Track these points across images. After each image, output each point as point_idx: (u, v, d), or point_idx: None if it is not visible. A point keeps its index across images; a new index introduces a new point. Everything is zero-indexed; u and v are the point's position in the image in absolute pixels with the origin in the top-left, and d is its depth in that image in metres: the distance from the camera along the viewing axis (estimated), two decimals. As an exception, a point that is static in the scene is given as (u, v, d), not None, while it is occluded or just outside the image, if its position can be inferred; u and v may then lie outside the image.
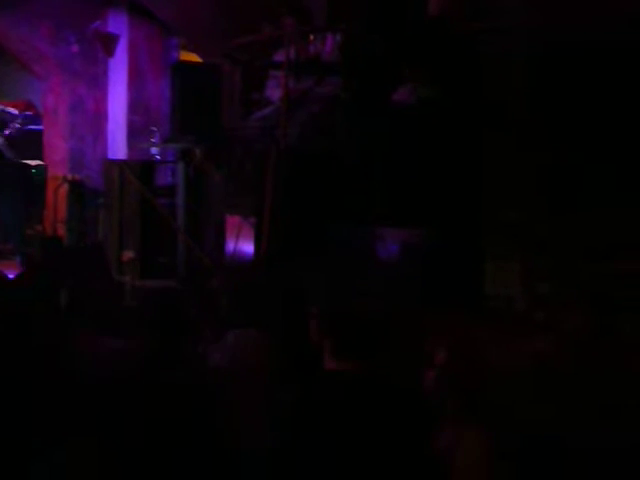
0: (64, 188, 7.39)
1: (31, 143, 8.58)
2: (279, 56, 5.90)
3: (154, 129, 7.04)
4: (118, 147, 8.12)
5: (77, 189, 7.39)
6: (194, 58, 7.97)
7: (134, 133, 7.97)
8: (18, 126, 8.48)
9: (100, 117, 8.33)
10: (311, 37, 6.04)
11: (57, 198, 7.50)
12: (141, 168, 6.51)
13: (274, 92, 5.95)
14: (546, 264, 4.27)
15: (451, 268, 4.62)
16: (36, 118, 8.85)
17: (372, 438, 1.91)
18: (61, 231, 7.31)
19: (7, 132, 8.39)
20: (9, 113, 8.55)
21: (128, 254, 6.16)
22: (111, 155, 8.00)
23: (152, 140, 6.97)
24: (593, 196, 4.14)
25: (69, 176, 7.61)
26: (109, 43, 8.08)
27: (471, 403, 2.29)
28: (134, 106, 8.10)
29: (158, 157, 6.93)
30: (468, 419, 2.22)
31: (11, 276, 4.13)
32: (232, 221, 5.62)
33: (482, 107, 4.62)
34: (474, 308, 4.26)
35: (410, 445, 2.00)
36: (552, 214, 4.35)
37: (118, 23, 8.19)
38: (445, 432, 2.14)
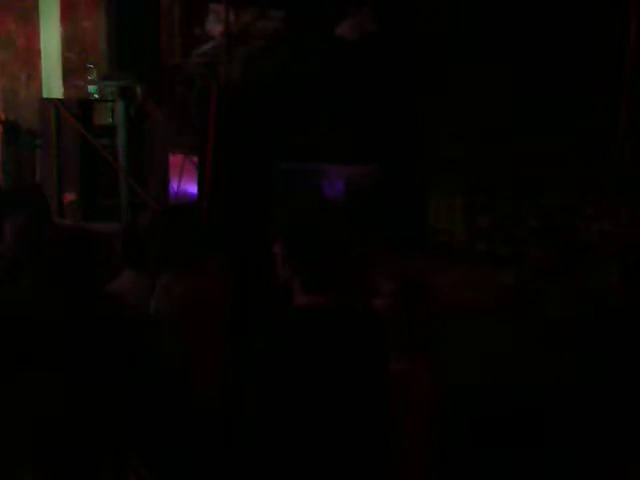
0: (-3, 129, 7.11)
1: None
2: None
3: (90, 66, 6.78)
4: (53, 86, 7.80)
5: (11, 130, 7.11)
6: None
7: (70, 71, 7.66)
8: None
9: (33, 54, 7.95)
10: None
11: (-10, 140, 7.21)
12: (78, 107, 6.29)
13: (215, 27, 5.78)
14: (486, 198, 4.38)
15: (395, 204, 4.69)
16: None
17: (342, 366, 1.98)
18: (-4, 174, 7.07)
19: None
20: None
21: (69, 196, 6.02)
22: (46, 94, 7.70)
23: (89, 78, 6.72)
24: (531, 130, 4.24)
25: (2, 117, 7.31)
26: (38, -27, 7.66)
27: (418, 333, 2.38)
28: (68, 42, 7.75)
29: (96, 96, 6.69)
30: (417, 348, 2.31)
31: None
32: (175, 161, 5.54)
33: (424, 41, 4.62)
34: (418, 242, 4.36)
35: (372, 370, 2.08)
36: (491, 149, 4.44)
37: (47, -48, 7.74)
38: (398, 359, 2.23)
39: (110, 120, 6.33)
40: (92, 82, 6.64)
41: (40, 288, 2.38)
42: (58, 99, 7.01)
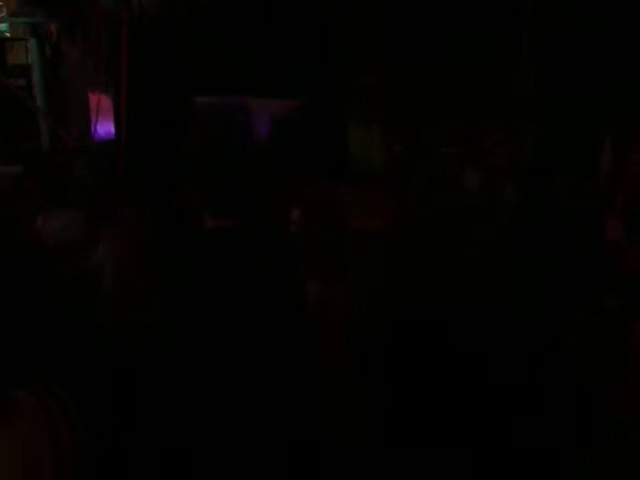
0: None
1: None
2: None
3: (0, 3, 6.47)
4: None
5: None
6: None
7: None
8: None
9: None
10: None
11: None
12: (-12, 46, 6.05)
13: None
14: (402, 126, 4.47)
15: (316, 135, 4.73)
16: None
17: (249, 285, 2.07)
18: None
19: None
20: None
21: (-15, 140, 5.84)
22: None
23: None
24: (443, 59, 4.32)
25: None
26: None
27: (333, 255, 2.48)
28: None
29: (7, 34, 6.42)
30: (332, 270, 2.42)
31: None
32: (94, 100, 5.41)
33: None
34: (338, 170, 4.43)
35: (280, 290, 2.17)
36: (405, 79, 4.51)
37: None
38: (313, 282, 2.32)
39: (25, 60, 6.11)
40: (2, 20, 6.35)
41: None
42: (-34, 38, 6.71)
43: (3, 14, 6.32)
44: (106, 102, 5.20)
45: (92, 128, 5.30)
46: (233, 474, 1.83)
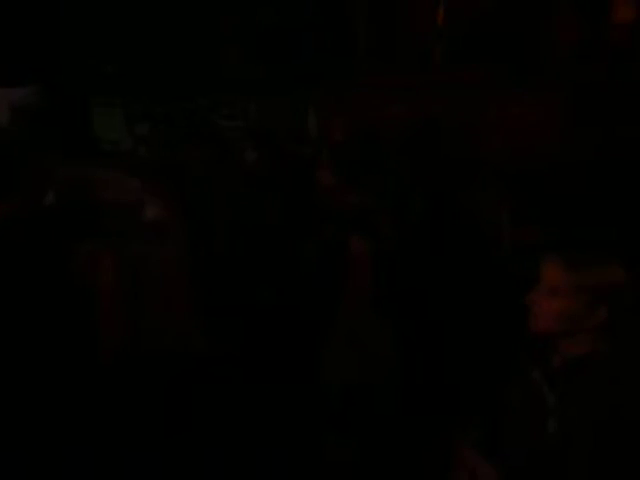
0: None
1: None
2: None
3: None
4: None
5: None
6: None
7: None
8: None
9: None
10: None
11: None
12: None
13: None
14: (142, 108, 4.93)
15: (61, 119, 4.94)
16: None
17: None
18: None
19: None
20: None
21: None
22: None
23: None
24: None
25: None
26: None
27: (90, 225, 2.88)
28: None
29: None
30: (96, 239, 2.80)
31: None
32: None
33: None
34: (86, 150, 4.73)
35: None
36: (143, 64, 4.98)
37: None
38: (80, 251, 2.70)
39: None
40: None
41: None
42: None
43: None
44: None
45: None
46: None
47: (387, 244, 2.97)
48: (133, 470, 2.29)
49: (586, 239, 2.64)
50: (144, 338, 2.50)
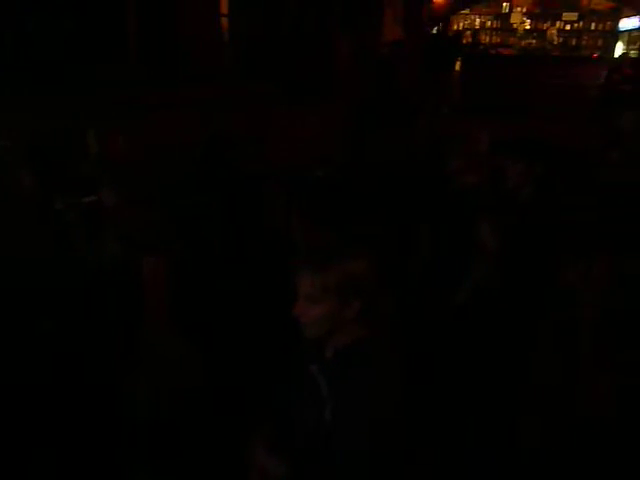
0: None
1: None
2: None
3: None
4: None
5: None
6: None
7: None
8: None
9: None
10: None
11: None
12: None
13: None
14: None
15: None
16: None
17: None
18: None
19: None
20: None
21: None
22: None
23: None
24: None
25: None
26: None
27: None
28: None
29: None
30: None
31: None
32: None
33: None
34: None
35: None
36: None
37: None
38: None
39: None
40: None
41: None
42: None
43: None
44: None
45: None
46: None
47: (181, 261, 2.90)
48: None
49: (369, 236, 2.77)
50: None
